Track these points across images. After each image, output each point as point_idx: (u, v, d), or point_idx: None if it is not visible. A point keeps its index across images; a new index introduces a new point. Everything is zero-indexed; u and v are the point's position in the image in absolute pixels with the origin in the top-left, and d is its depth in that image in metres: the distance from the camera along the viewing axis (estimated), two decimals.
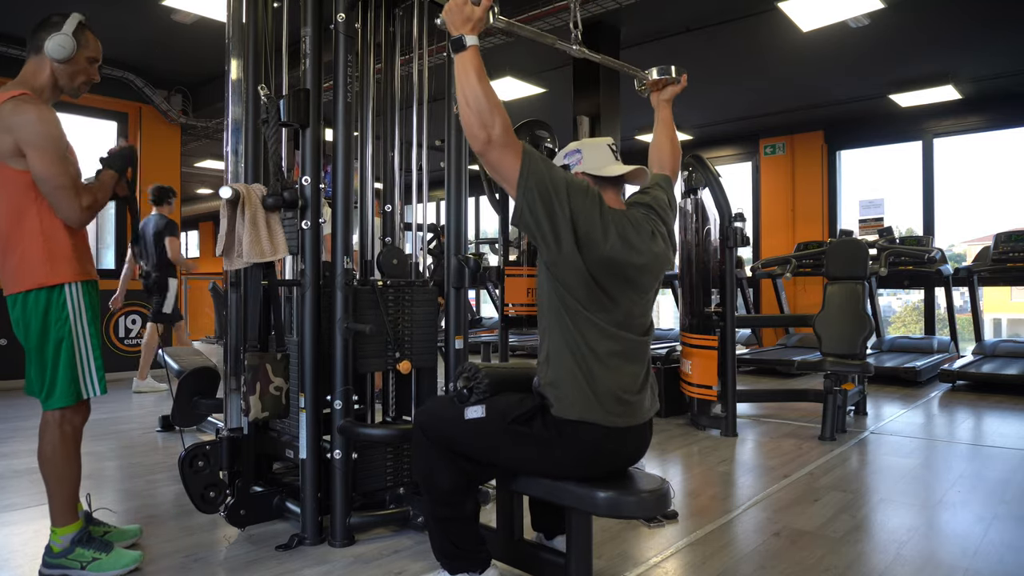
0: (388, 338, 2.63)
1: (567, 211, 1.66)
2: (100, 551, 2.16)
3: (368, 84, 2.88)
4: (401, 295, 2.70)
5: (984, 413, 5.09)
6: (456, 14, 1.66)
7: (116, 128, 7.07)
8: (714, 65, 6.52)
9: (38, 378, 2.15)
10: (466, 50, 1.64)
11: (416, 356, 2.74)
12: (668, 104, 2.22)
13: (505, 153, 1.63)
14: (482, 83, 1.62)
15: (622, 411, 1.76)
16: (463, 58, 1.64)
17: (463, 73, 1.63)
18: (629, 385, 1.78)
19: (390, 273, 2.67)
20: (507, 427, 1.79)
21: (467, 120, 1.63)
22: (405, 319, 2.71)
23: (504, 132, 1.62)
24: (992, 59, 6.38)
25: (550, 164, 1.71)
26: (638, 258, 1.76)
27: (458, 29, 1.66)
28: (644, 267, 1.78)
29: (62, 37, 2.13)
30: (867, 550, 2.43)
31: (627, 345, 1.77)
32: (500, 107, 1.63)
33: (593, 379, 1.73)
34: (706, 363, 4.27)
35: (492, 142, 1.62)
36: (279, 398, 2.46)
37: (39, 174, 2.03)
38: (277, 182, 2.42)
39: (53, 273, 2.11)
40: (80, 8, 2.30)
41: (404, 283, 2.71)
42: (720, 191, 4.31)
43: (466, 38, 1.65)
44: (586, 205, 1.69)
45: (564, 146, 1.96)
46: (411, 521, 2.54)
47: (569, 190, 1.68)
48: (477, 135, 1.62)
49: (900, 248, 6.77)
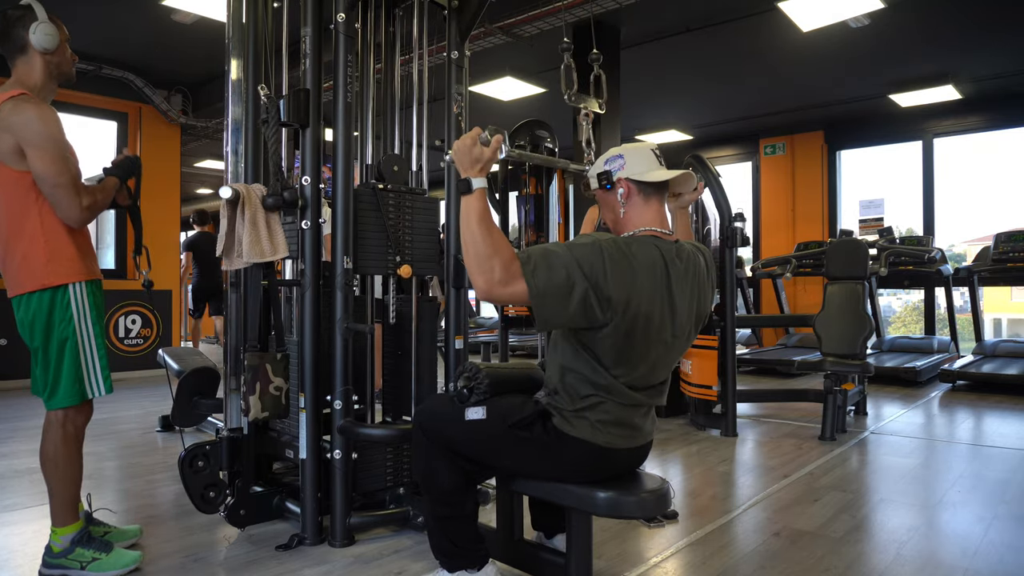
0: (388, 241, 2.59)
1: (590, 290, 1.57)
2: (100, 551, 2.16)
3: (368, 84, 2.88)
4: (401, 201, 2.66)
5: (984, 413, 5.09)
6: (465, 155, 1.65)
7: (116, 128, 7.07)
8: (714, 65, 6.52)
9: (41, 378, 2.15)
10: (472, 193, 1.63)
11: (416, 263, 2.69)
12: (685, 211, 2.16)
13: (509, 287, 1.58)
14: (481, 227, 1.58)
15: (623, 435, 1.76)
16: (468, 201, 1.62)
17: (465, 215, 1.61)
18: (634, 419, 1.77)
19: (390, 178, 2.63)
20: (507, 430, 1.78)
21: (468, 262, 1.61)
22: (405, 225, 2.67)
23: (504, 272, 1.56)
24: (992, 59, 6.38)
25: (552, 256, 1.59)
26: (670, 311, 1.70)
27: (466, 171, 1.65)
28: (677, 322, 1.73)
29: (45, 25, 2.10)
30: (867, 550, 2.43)
31: (639, 399, 1.75)
32: (499, 249, 1.57)
33: (596, 414, 1.72)
34: (706, 363, 4.27)
35: (493, 285, 1.58)
36: (279, 398, 2.46)
37: (39, 173, 2.03)
38: (277, 182, 2.42)
39: (56, 273, 2.11)
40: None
41: (404, 189, 2.67)
42: (720, 191, 4.31)
43: (473, 181, 1.63)
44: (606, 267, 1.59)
45: (561, 148, 1.93)
46: (411, 521, 2.54)
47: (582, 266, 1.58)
48: (477, 283, 1.59)
49: (900, 248, 6.77)
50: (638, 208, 1.79)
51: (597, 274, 1.58)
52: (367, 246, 2.55)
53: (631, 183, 1.78)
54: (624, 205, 1.80)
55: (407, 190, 2.69)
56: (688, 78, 7.09)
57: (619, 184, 1.78)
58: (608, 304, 1.60)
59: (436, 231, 2.78)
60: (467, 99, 2.92)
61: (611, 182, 1.79)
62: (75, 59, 2.25)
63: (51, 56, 2.14)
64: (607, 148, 1.92)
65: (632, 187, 1.78)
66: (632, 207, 1.79)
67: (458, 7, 2.89)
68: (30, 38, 2.09)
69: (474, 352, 3.97)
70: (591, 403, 1.72)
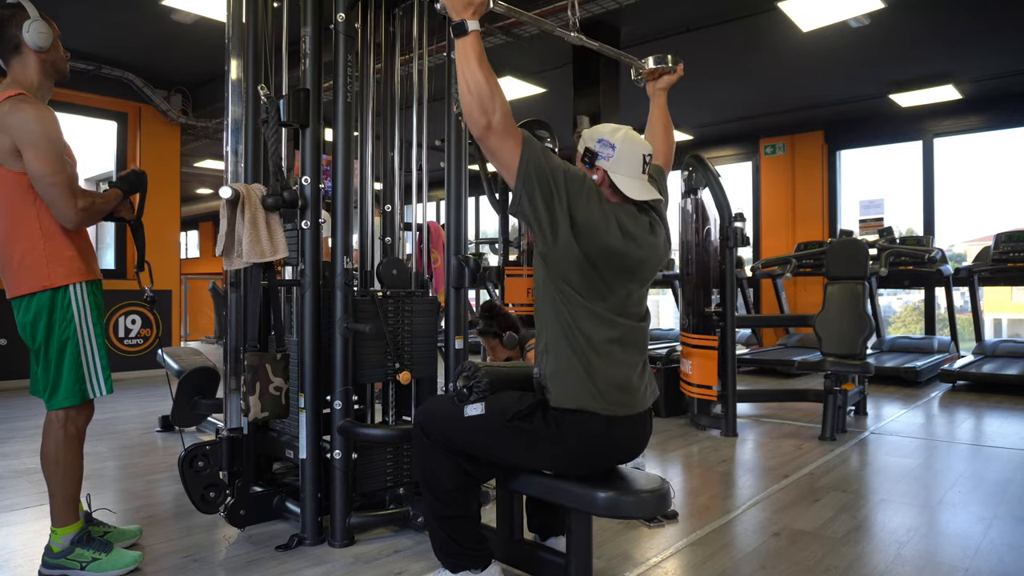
0: (388, 349, 2.62)
1: (565, 202, 1.67)
2: (100, 551, 2.16)
3: (368, 84, 2.88)
4: (401, 305, 2.69)
5: (984, 413, 5.09)
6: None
7: (116, 128, 7.07)
8: (714, 65, 6.51)
9: (42, 378, 2.15)
10: (467, 35, 1.64)
11: (416, 366, 2.73)
12: (664, 93, 2.21)
13: (505, 140, 1.64)
14: (483, 68, 1.61)
15: (622, 400, 1.76)
16: (464, 43, 1.63)
17: (464, 58, 1.63)
18: (627, 373, 1.78)
19: (390, 284, 2.66)
20: (507, 424, 1.78)
21: (467, 105, 1.63)
22: (405, 329, 2.70)
23: (504, 119, 1.62)
24: (992, 59, 6.38)
25: (549, 154, 1.70)
26: (637, 250, 1.76)
27: (459, 14, 1.65)
28: (644, 258, 1.78)
29: (39, 23, 2.09)
30: (867, 550, 2.43)
31: (624, 331, 1.77)
32: (501, 93, 1.63)
33: (591, 368, 1.73)
34: (706, 363, 4.27)
35: (492, 128, 1.62)
36: (279, 398, 2.46)
37: (34, 172, 2.02)
38: (277, 182, 2.42)
39: (56, 275, 2.10)
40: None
41: (404, 293, 2.70)
42: (720, 191, 4.31)
43: (467, 23, 1.64)
44: (583, 195, 1.69)
45: (561, 147, 1.94)
46: (411, 521, 2.54)
47: (567, 181, 1.68)
48: (477, 120, 1.62)
49: (900, 248, 6.77)
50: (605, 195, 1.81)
51: (576, 193, 1.68)
52: (366, 355, 2.57)
53: (608, 177, 1.80)
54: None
55: (406, 294, 2.70)
56: (688, 78, 7.02)
57: (597, 170, 1.80)
58: (574, 223, 1.67)
59: (435, 330, 2.80)
60: None
61: (593, 163, 1.81)
62: (68, 56, 2.24)
63: (46, 54, 2.13)
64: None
65: (607, 179, 1.80)
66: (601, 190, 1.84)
67: None
68: (24, 37, 2.08)
69: (474, 352, 3.97)
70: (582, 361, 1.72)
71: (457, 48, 1.65)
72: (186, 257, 18.40)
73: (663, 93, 2.21)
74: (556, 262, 1.73)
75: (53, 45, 2.15)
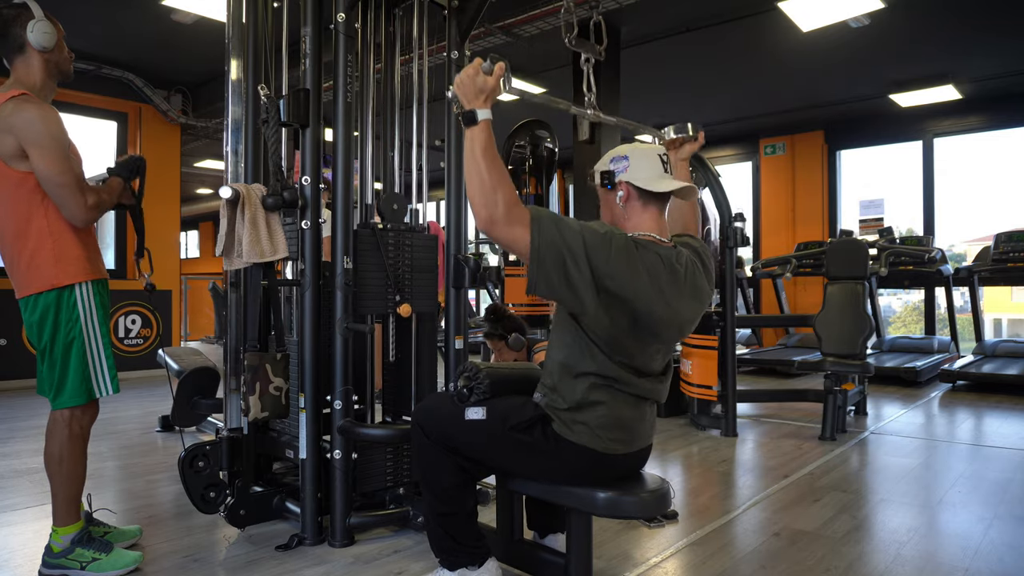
0: (388, 281, 2.60)
1: (587, 273, 1.57)
2: (100, 551, 2.16)
3: (368, 84, 2.88)
4: (401, 239, 2.67)
5: (984, 413, 5.09)
6: (468, 86, 1.62)
7: (116, 128, 7.07)
8: (714, 65, 6.51)
9: (48, 377, 2.15)
10: (477, 124, 1.60)
11: (416, 300, 2.69)
12: (686, 163, 2.14)
13: (512, 229, 1.57)
14: (486, 160, 1.57)
15: (622, 438, 1.76)
16: (473, 132, 1.60)
17: (470, 147, 1.59)
18: (632, 420, 1.77)
19: (390, 218, 2.64)
20: (507, 432, 1.78)
21: (471, 196, 1.59)
22: (405, 263, 2.68)
23: (507, 210, 1.56)
24: (992, 59, 6.38)
25: (563, 223, 1.59)
26: (671, 316, 1.69)
27: (470, 103, 1.62)
28: (675, 325, 1.72)
29: (43, 23, 2.09)
30: (867, 550, 2.43)
31: (641, 388, 1.74)
32: (505, 183, 1.57)
33: (595, 413, 1.72)
34: (706, 363, 4.27)
35: (495, 221, 1.56)
36: (279, 398, 2.46)
37: (42, 173, 2.02)
38: (277, 182, 2.42)
39: (63, 274, 2.10)
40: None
41: (404, 228, 2.68)
42: (720, 191, 4.31)
43: (478, 112, 1.60)
44: (611, 256, 1.59)
45: (561, 147, 1.92)
46: (411, 521, 2.54)
47: (588, 247, 1.57)
48: (479, 214, 1.58)
49: (900, 248, 6.77)
50: (636, 212, 1.77)
51: (599, 259, 1.58)
52: (367, 286, 2.56)
53: (631, 187, 1.76)
54: (623, 208, 1.78)
55: (407, 228, 2.69)
56: (688, 78, 7.09)
57: (620, 186, 1.77)
58: (604, 292, 1.59)
59: (435, 267, 2.78)
60: None
61: (612, 183, 1.77)
62: (72, 56, 2.25)
63: (50, 54, 2.13)
64: (608, 149, 1.90)
65: (632, 191, 1.76)
66: (631, 210, 1.78)
67: (458, 7, 2.89)
68: (28, 37, 2.08)
69: (474, 352, 3.98)
70: (588, 401, 1.71)
71: (465, 137, 1.62)
72: (186, 257, 18.41)
73: (685, 163, 2.14)
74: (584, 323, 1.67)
75: (57, 45, 2.15)
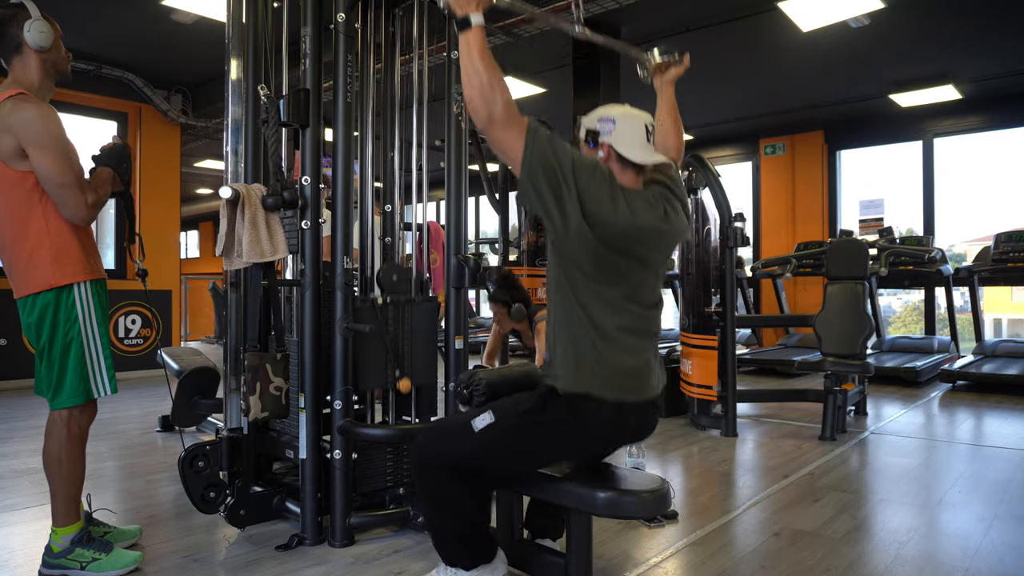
0: (388, 356, 2.62)
1: (574, 190, 1.64)
2: (100, 551, 2.16)
3: (368, 84, 2.87)
4: (400, 312, 2.68)
5: (984, 413, 5.09)
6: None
7: (116, 128, 7.07)
8: (714, 65, 6.51)
9: (46, 377, 2.15)
10: (471, 29, 1.64)
11: (416, 374, 2.72)
12: (671, 86, 2.18)
13: (508, 130, 1.63)
14: (484, 60, 1.61)
15: (631, 385, 1.76)
16: (467, 37, 1.64)
17: (466, 52, 1.63)
18: (637, 360, 1.77)
19: (390, 290, 2.64)
20: (519, 421, 1.77)
21: (469, 97, 1.63)
22: (405, 336, 2.69)
23: (506, 109, 1.61)
24: (992, 59, 6.37)
25: (557, 142, 1.67)
26: (649, 236, 1.74)
27: (463, 9, 1.65)
28: (654, 244, 1.76)
29: (40, 23, 2.09)
30: (867, 550, 2.43)
31: (634, 319, 1.76)
32: (502, 84, 1.62)
33: (599, 355, 1.72)
34: (706, 363, 4.27)
35: (494, 119, 1.61)
36: (279, 398, 2.46)
37: (43, 172, 2.02)
38: (277, 182, 2.42)
39: (61, 273, 2.10)
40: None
41: (404, 299, 2.69)
42: (720, 191, 4.31)
43: (472, 17, 1.64)
44: (594, 182, 1.67)
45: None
46: (411, 521, 2.54)
47: (576, 168, 1.65)
48: (479, 111, 1.62)
49: (900, 248, 6.77)
50: (616, 174, 1.80)
51: (584, 179, 1.65)
52: (367, 360, 2.56)
53: (613, 151, 1.80)
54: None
55: (406, 300, 2.69)
56: (688, 78, 7.03)
57: (602, 147, 1.81)
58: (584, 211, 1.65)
59: (436, 336, 2.79)
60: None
61: (596, 142, 1.82)
62: (69, 56, 2.24)
63: (47, 54, 2.13)
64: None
65: (613, 154, 1.80)
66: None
67: None
68: (25, 37, 2.08)
69: (474, 352, 3.98)
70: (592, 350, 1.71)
71: (460, 42, 1.66)
72: (186, 257, 18.40)
73: (671, 86, 2.18)
74: (568, 250, 1.71)
75: (54, 45, 2.15)
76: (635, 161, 1.79)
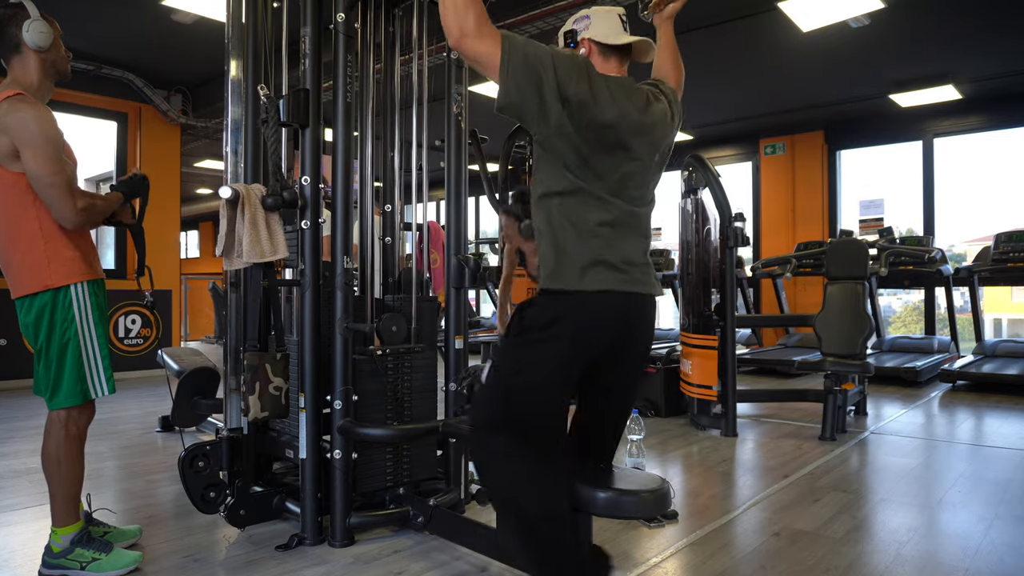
0: (387, 407, 2.63)
1: (553, 80, 1.63)
2: (100, 551, 2.16)
3: (368, 84, 2.88)
4: (400, 362, 2.69)
5: (984, 413, 5.09)
6: None
7: (116, 128, 7.07)
8: (714, 65, 6.51)
9: (44, 378, 2.15)
10: None
11: (416, 418, 2.72)
12: (671, 23, 2.21)
13: (481, 41, 1.61)
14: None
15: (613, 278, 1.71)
16: None
17: None
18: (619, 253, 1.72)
19: (389, 341, 2.63)
20: (507, 345, 1.77)
21: (443, 18, 1.62)
22: (404, 386, 2.70)
23: (477, 22, 1.60)
24: (992, 59, 6.37)
25: (532, 42, 1.67)
26: (630, 119, 1.72)
27: None
28: (637, 129, 1.74)
29: (39, 23, 2.09)
30: (867, 550, 2.43)
31: (620, 214, 1.73)
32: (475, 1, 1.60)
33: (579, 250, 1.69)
34: (706, 363, 4.27)
35: (466, 33, 1.60)
36: (279, 398, 2.46)
37: (32, 172, 2.02)
38: (277, 182, 2.42)
39: (56, 275, 2.10)
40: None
41: (403, 350, 2.68)
42: (720, 191, 4.31)
43: None
44: (573, 72, 1.66)
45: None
46: (411, 521, 2.54)
47: (556, 61, 1.65)
48: (451, 29, 1.61)
49: (900, 248, 6.76)
50: (598, 66, 1.81)
51: (563, 70, 1.64)
52: (367, 411, 2.57)
53: (593, 43, 1.82)
54: None
55: (406, 350, 2.68)
56: (688, 78, 7.06)
57: (582, 43, 1.83)
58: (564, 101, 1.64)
59: (435, 385, 2.80)
60: (467, 99, 2.92)
61: (575, 41, 1.84)
62: (69, 56, 2.24)
63: (46, 54, 2.13)
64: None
65: (594, 47, 1.82)
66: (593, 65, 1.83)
67: None
68: (24, 37, 2.08)
69: (474, 352, 3.98)
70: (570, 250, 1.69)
71: None
72: (186, 257, 18.41)
73: (670, 23, 2.21)
74: (551, 145, 1.70)
75: (54, 45, 2.14)
76: (614, 43, 1.80)
